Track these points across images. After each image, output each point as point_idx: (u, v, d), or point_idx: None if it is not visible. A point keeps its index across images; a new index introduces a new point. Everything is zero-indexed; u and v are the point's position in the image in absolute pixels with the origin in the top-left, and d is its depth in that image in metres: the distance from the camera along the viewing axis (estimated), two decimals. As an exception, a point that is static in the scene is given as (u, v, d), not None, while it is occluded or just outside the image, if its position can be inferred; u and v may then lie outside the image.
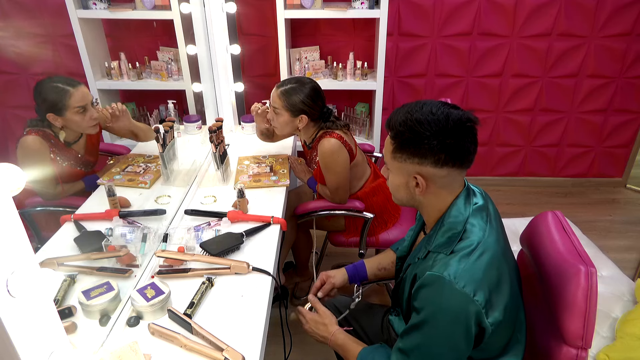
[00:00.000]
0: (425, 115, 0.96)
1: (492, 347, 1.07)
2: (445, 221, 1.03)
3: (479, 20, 2.75)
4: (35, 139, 1.27)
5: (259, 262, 1.36)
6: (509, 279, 1.02)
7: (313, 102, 1.77)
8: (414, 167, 1.00)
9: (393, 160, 1.03)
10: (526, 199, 3.17)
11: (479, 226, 1.00)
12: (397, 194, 1.09)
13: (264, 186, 1.82)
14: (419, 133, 0.96)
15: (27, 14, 1.48)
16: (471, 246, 0.97)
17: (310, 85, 1.79)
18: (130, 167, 1.68)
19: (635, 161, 3.21)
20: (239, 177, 1.88)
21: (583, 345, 1.01)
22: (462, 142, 0.97)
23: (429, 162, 0.98)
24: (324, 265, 2.49)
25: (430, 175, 0.99)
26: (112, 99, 2.12)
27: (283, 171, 1.93)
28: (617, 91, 2.95)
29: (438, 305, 0.95)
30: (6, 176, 0.61)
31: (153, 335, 1.11)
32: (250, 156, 2.07)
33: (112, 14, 2.02)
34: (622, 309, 1.70)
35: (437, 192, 1.03)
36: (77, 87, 1.31)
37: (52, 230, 1.25)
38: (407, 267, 1.17)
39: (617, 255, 2.56)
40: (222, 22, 2.15)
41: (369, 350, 1.15)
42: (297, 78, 1.81)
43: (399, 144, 1.00)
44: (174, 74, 2.28)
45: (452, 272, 0.94)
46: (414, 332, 1.00)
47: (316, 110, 1.80)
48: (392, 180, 1.07)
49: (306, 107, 1.77)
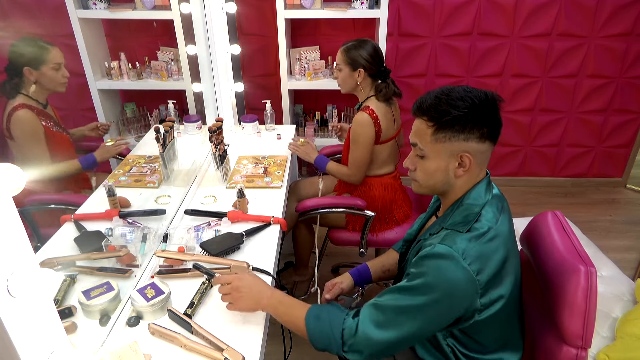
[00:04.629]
0: (462, 93, 0.99)
1: (487, 340, 1.07)
2: (465, 202, 1.04)
3: (479, 20, 2.75)
4: (26, 112, 1.28)
5: (259, 262, 1.35)
6: (513, 271, 1.04)
7: (371, 57, 1.86)
8: (459, 145, 1.00)
9: (435, 143, 1.02)
10: (526, 199, 3.17)
11: (492, 213, 1.02)
12: (431, 180, 1.06)
13: (257, 187, 1.81)
14: (463, 108, 0.98)
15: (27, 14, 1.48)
16: (483, 229, 0.99)
17: (370, 44, 1.88)
18: (135, 169, 1.68)
19: (635, 161, 3.21)
20: (234, 176, 1.89)
21: (583, 345, 1.01)
22: (498, 115, 1.02)
23: (475, 136, 1.00)
24: (324, 265, 2.49)
25: (474, 151, 1.01)
26: (112, 99, 2.12)
27: (278, 172, 1.92)
28: (617, 91, 2.95)
29: (440, 276, 0.96)
30: (6, 176, 0.61)
31: (153, 335, 1.11)
32: (250, 156, 2.07)
33: (112, 14, 2.02)
34: (622, 309, 1.70)
35: (474, 170, 1.04)
36: (54, 47, 1.35)
37: (52, 229, 1.25)
38: (415, 245, 1.18)
39: (617, 255, 2.56)
40: (222, 22, 2.15)
41: (318, 306, 1.10)
42: (360, 39, 1.90)
43: (441, 125, 1.00)
44: (174, 74, 2.27)
45: (462, 248, 0.96)
46: (401, 293, 1.00)
47: (373, 66, 1.86)
48: (429, 165, 1.04)
49: (364, 60, 1.85)
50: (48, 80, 1.35)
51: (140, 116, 2.27)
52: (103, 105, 2.01)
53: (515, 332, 1.13)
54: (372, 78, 1.90)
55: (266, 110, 2.33)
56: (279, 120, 2.67)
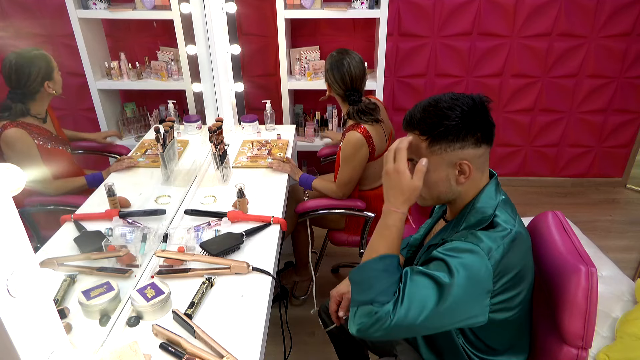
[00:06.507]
0: (450, 102, 0.98)
1: (496, 343, 1.07)
2: (476, 205, 1.03)
3: (479, 20, 2.75)
4: (16, 131, 1.24)
5: (259, 262, 1.35)
6: (530, 276, 1.03)
7: (334, 76, 1.78)
8: (456, 154, 1.00)
9: (430, 155, 1.00)
10: (526, 199, 3.17)
11: (507, 215, 1.02)
12: (434, 192, 1.05)
13: (260, 167, 1.94)
14: (454, 117, 0.97)
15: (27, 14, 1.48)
16: (505, 231, 0.98)
17: (339, 63, 1.77)
18: (150, 151, 1.78)
19: (635, 161, 3.21)
20: (239, 157, 2.01)
21: (583, 345, 1.01)
22: (490, 117, 1.01)
23: (470, 143, 0.99)
24: (324, 265, 2.49)
25: (472, 157, 1.00)
26: (112, 99, 2.12)
27: (280, 154, 2.03)
28: (617, 91, 2.95)
29: (467, 265, 0.94)
30: (6, 176, 0.61)
31: (156, 336, 1.11)
32: (254, 140, 2.20)
33: (112, 14, 2.02)
34: (622, 309, 1.70)
35: (475, 175, 1.03)
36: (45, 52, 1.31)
37: (52, 230, 1.25)
38: (424, 251, 1.17)
39: (617, 255, 2.56)
40: (222, 22, 2.15)
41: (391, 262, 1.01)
42: (340, 50, 1.80)
43: (434, 137, 0.99)
44: (174, 74, 2.27)
45: (486, 247, 0.95)
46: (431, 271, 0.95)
47: (339, 88, 1.80)
48: (429, 178, 1.02)
49: (330, 80, 1.80)
50: (58, 85, 1.33)
51: (140, 116, 2.27)
52: (103, 105, 2.01)
53: (524, 335, 1.13)
54: (340, 98, 1.84)
55: (266, 110, 2.33)
56: (279, 120, 2.67)
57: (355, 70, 1.78)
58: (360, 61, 1.81)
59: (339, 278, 2.45)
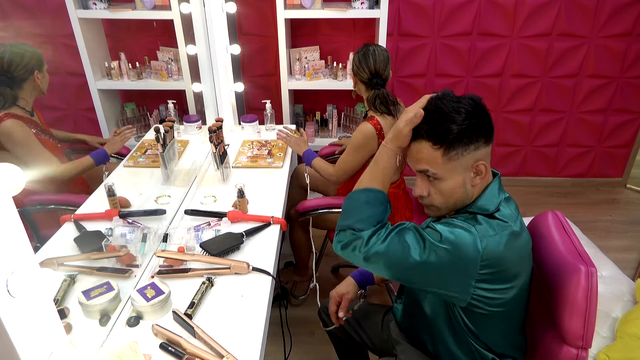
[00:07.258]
0: (453, 105, 0.98)
1: (491, 339, 1.07)
2: (478, 203, 1.04)
3: (479, 20, 2.75)
4: (13, 121, 1.24)
5: (259, 262, 1.35)
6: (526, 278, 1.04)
7: (359, 62, 1.84)
8: (472, 156, 0.99)
9: (447, 162, 0.98)
10: (526, 199, 3.17)
11: (510, 211, 1.03)
12: (451, 199, 1.03)
13: (260, 167, 1.94)
14: (463, 120, 0.96)
15: (27, 14, 1.49)
16: (506, 224, 0.99)
17: (365, 49, 1.85)
18: (150, 151, 1.78)
19: (635, 161, 3.21)
20: (239, 157, 2.01)
21: (583, 345, 1.01)
22: (489, 114, 1.02)
23: (482, 142, 0.99)
24: (324, 265, 2.49)
25: (485, 156, 1.01)
26: (112, 99, 2.13)
27: (280, 154, 2.03)
28: (617, 91, 2.95)
29: (457, 238, 0.95)
30: (6, 176, 0.61)
31: (156, 336, 1.11)
32: (254, 140, 2.20)
33: (112, 14, 2.02)
34: (622, 309, 1.70)
35: (487, 174, 1.04)
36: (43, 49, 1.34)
37: (52, 229, 1.25)
38: None
39: (617, 255, 2.56)
40: (222, 22, 2.15)
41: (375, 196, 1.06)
42: (366, 43, 1.88)
43: (449, 143, 0.97)
44: (174, 74, 2.28)
45: (482, 230, 0.96)
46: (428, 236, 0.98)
47: (363, 73, 1.84)
48: (446, 186, 1.01)
49: (354, 66, 1.85)
50: (45, 82, 1.34)
51: (140, 116, 2.27)
52: (103, 105, 2.01)
53: (521, 334, 1.13)
54: (364, 85, 1.86)
55: (266, 110, 2.33)
56: (279, 120, 2.67)
57: (379, 56, 1.84)
58: (384, 49, 1.88)
59: (339, 278, 2.45)
